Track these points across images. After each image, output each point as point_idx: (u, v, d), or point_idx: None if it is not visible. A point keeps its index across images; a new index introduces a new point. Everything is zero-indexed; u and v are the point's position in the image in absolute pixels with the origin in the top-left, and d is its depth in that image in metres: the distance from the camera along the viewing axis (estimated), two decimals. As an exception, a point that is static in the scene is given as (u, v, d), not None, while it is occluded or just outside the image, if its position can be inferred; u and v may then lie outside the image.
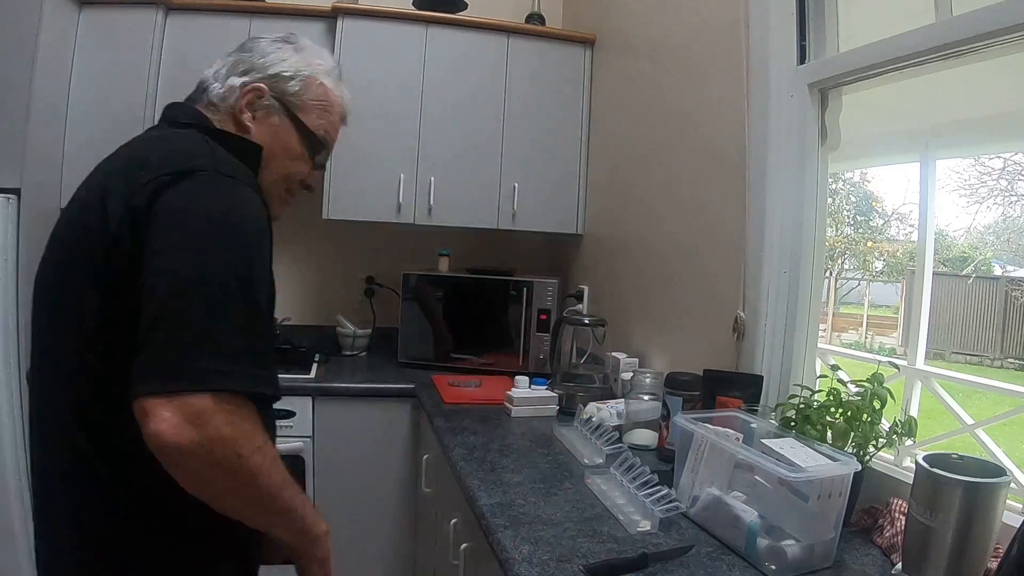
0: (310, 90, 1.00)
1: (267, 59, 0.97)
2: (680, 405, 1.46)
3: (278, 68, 0.97)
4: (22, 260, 2.01)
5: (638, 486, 1.14)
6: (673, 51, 1.94)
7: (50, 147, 2.16)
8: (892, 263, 2.96)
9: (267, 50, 0.98)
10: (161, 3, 2.26)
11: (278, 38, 1.01)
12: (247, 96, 0.95)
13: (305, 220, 2.63)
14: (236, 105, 0.95)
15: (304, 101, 0.99)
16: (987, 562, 0.88)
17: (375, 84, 2.38)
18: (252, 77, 0.96)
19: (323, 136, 1.02)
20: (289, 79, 0.98)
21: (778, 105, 1.47)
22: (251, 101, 0.95)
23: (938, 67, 1.20)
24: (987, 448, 1.16)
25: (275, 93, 0.97)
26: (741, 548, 1.02)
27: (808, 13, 1.48)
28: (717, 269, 1.66)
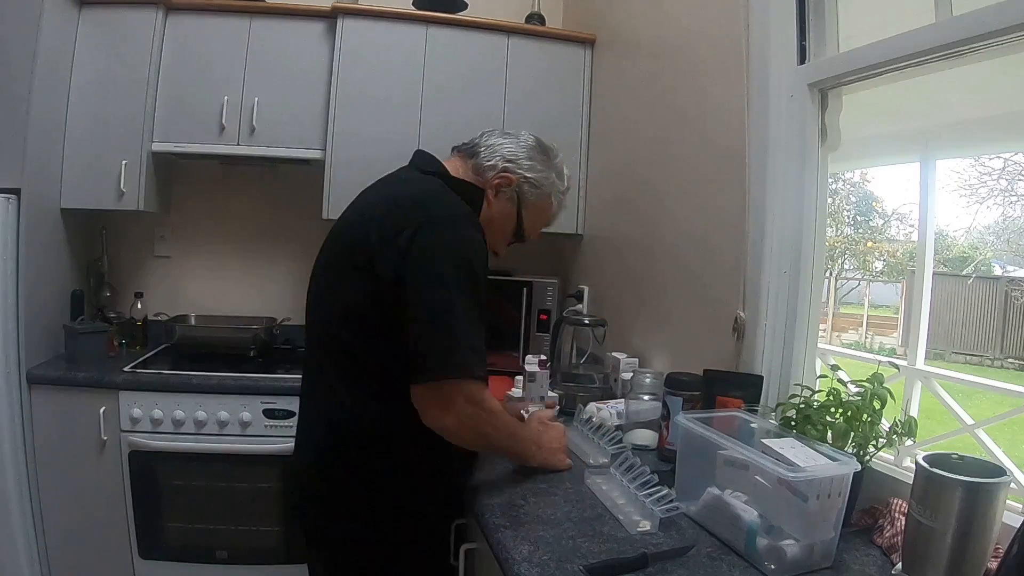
0: (540, 200, 1.30)
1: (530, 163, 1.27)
2: (680, 405, 1.46)
3: (531, 175, 1.27)
4: (22, 260, 2.01)
5: (638, 486, 1.14)
6: (673, 51, 1.94)
7: (50, 147, 2.16)
8: (892, 263, 2.96)
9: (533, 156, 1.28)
10: (161, 3, 2.26)
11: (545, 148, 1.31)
12: (501, 178, 1.26)
13: (305, 220, 2.64)
14: (489, 179, 1.26)
15: (532, 205, 1.30)
16: (987, 562, 0.88)
17: (375, 84, 2.38)
18: (511, 168, 1.26)
19: (528, 234, 1.33)
20: (533, 187, 1.28)
21: (778, 105, 1.46)
22: (501, 184, 1.26)
23: (938, 67, 1.20)
24: (987, 448, 1.16)
25: (518, 189, 1.27)
26: (741, 548, 1.02)
27: (808, 13, 1.48)
28: (717, 269, 1.66)
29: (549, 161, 1.30)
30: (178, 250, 2.69)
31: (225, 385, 2.12)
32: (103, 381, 2.08)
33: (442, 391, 1.04)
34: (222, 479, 2.13)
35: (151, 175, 2.33)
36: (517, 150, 1.27)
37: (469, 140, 1.31)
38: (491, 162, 1.25)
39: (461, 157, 1.29)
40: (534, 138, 1.31)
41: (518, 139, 1.28)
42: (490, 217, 1.26)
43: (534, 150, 1.29)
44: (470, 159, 1.27)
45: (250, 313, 2.65)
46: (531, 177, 1.26)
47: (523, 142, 1.28)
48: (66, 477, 2.07)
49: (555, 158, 1.32)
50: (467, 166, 1.27)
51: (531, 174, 1.26)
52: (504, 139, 1.28)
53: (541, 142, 1.31)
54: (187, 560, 2.15)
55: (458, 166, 1.27)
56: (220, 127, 2.33)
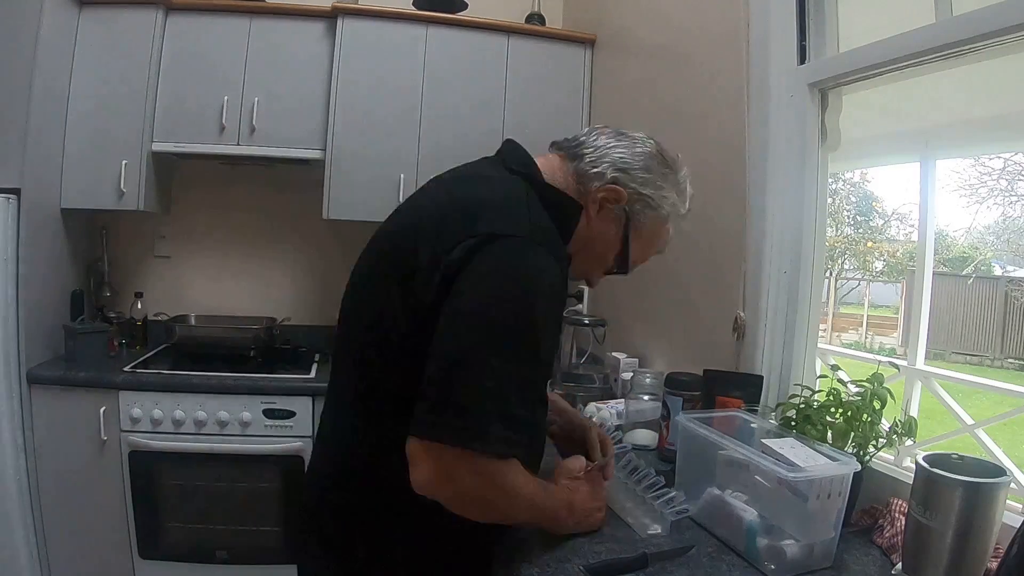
0: (654, 224, 1.03)
1: (647, 176, 1.00)
2: (680, 405, 1.46)
3: (647, 191, 0.99)
4: (22, 260, 2.01)
5: (644, 488, 1.14)
6: (673, 51, 1.94)
7: (50, 147, 2.16)
8: (892, 263, 2.96)
9: (651, 167, 1.00)
10: (161, 3, 2.26)
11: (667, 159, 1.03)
12: (608, 190, 0.98)
13: (305, 220, 2.64)
14: (593, 190, 0.98)
15: (643, 229, 1.02)
16: (987, 562, 0.88)
17: (375, 84, 2.38)
18: (622, 179, 0.98)
19: (634, 264, 1.05)
20: (648, 207, 1.00)
21: (778, 105, 1.46)
22: (607, 198, 0.98)
23: (938, 67, 1.20)
24: (987, 448, 1.16)
25: (629, 208, 0.99)
26: (741, 548, 1.02)
27: (808, 13, 1.48)
28: (717, 269, 1.66)
29: (671, 176, 1.03)
30: (178, 250, 2.69)
31: (225, 385, 2.12)
32: (103, 381, 2.08)
33: (443, 457, 0.79)
34: (222, 479, 2.13)
35: (151, 175, 2.33)
36: (632, 158, 1.00)
37: (573, 136, 1.04)
38: (598, 168, 0.98)
39: (561, 157, 1.02)
40: (655, 144, 1.04)
41: (634, 143, 1.01)
42: (588, 238, 1.00)
43: (654, 160, 1.01)
44: (571, 161, 1.00)
45: (250, 313, 2.65)
46: (647, 194, 0.99)
47: (641, 148, 1.01)
48: (66, 477, 2.07)
49: (678, 172, 1.05)
50: (566, 169, 1.00)
51: (647, 190, 0.99)
52: (617, 141, 1.01)
53: (664, 151, 1.04)
54: (187, 560, 2.15)
55: (555, 168, 1.00)
56: (220, 127, 2.33)
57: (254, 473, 2.13)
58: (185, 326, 2.48)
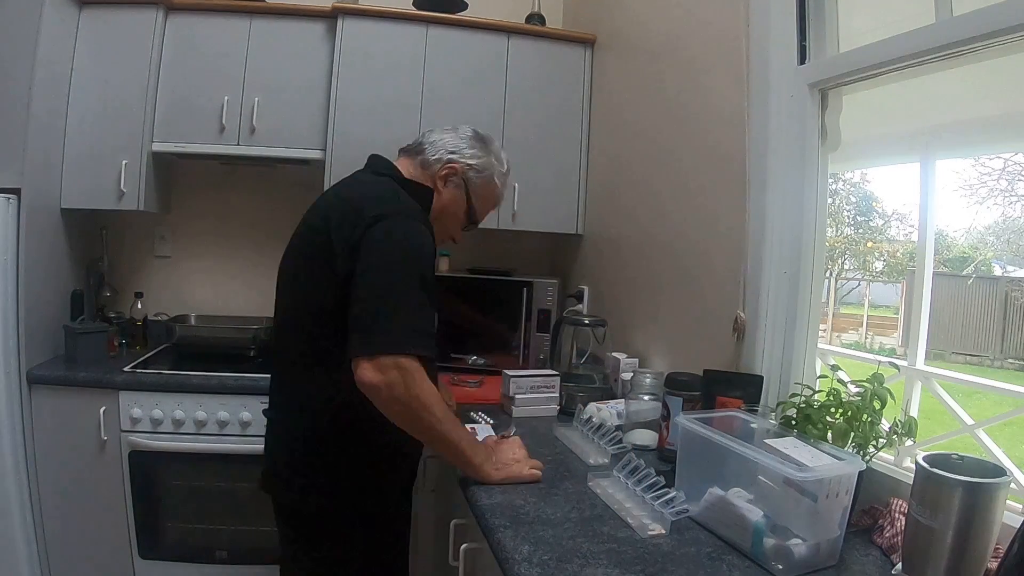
0: (486, 184, 1.40)
1: (471, 151, 1.38)
2: (680, 405, 1.46)
3: (474, 162, 1.37)
4: (22, 260, 2.01)
5: (645, 488, 1.14)
6: (673, 51, 1.94)
7: (50, 147, 2.16)
8: (892, 263, 2.96)
9: (473, 144, 1.39)
10: (161, 3, 2.26)
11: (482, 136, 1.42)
12: (447, 168, 1.36)
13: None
14: (437, 172, 1.36)
15: (479, 189, 1.39)
16: (987, 562, 0.88)
17: (375, 84, 2.38)
18: (455, 158, 1.36)
19: (479, 216, 1.44)
20: (474, 170, 1.38)
21: (778, 105, 1.47)
22: (448, 174, 1.36)
23: (938, 67, 1.20)
24: (987, 448, 1.16)
25: (464, 176, 1.37)
26: (745, 548, 1.02)
27: (808, 13, 1.48)
28: (717, 269, 1.66)
29: (487, 147, 1.41)
30: (178, 250, 2.69)
31: (225, 385, 2.12)
32: (103, 381, 2.07)
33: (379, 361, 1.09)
34: (222, 479, 2.13)
35: (151, 175, 2.33)
36: (458, 141, 1.38)
37: (413, 141, 1.42)
38: (436, 155, 1.36)
39: (408, 157, 1.39)
40: (472, 129, 1.42)
41: (457, 131, 1.40)
42: (442, 206, 1.37)
43: (473, 140, 1.39)
44: (417, 156, 1.37)
45: (250, 313, 2.65)
46: (474, 164, 1.37)
47: (462, 134, 1.39)
48: (66, 477, 2.07)
49: (492, 144, 1.43)
50: (415, 164, 1.37)
51: (473, 161, 1.37)
52: (444, 134, 1.39)
53: (478, 132, 1.42)
54: (187, 560, 2.14)
55: (407, 166, 1.37)
56: (220, 127, 2.33)
57: (254, 473, 2.10)
58: (185, 326, 2.48)
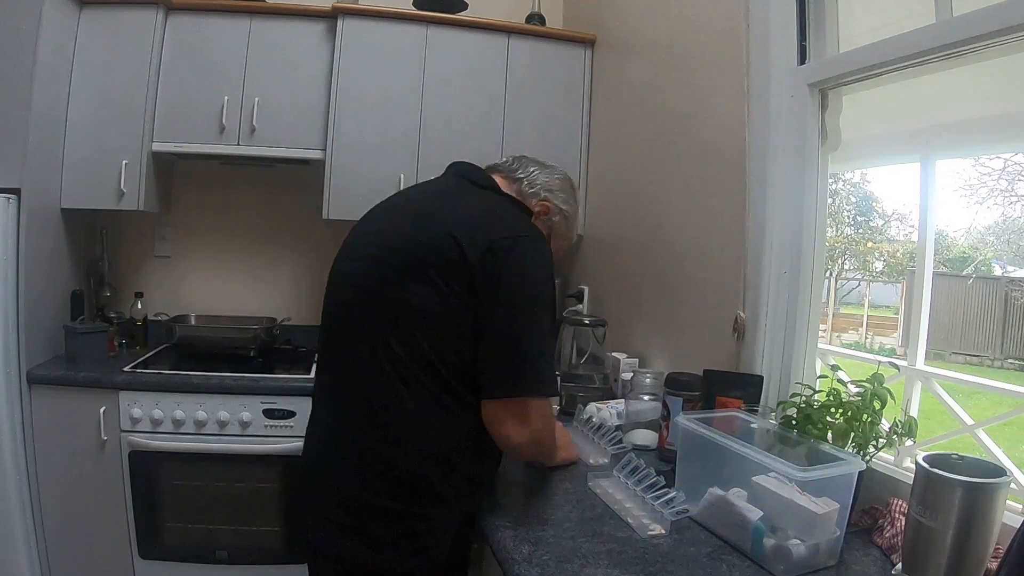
0: (564, 227, 1.36)
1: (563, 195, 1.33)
2: (680, 405, 1.46)
3: (564, 207, 1.34)
4: (22, 260, 2.01)
5: (645, 488, 1.14)
6: (673, 51, 1.94)
7: (50, 147, 2.16)
8: (892, 263, 2.96)
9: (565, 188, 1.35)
10: (161, 3, 2.26)
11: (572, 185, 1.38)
12: (542, 206, 1.30)
13: (305, 220, 2.64)
14: (531, 206, 1.29)
15: (559, 231, 1.36)
16: (987, 562, 0.88)
17: (375, 84, 2.38)
18: (549, 199, 1.31)
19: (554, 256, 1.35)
20: (562, 215, 1.34)
21: (778, 105, 1.47)
22: (541, 212, 1.31)
23: (938, 67, 1.20)
24: (987, 448, 1.16)
25: (552, 218, 1.32)
26: (745, 548, 1.02)
27: (808, 13, 1.48)
28: (717, 269, 1.66)
29: (575, 195, 1.39)
30: (178, 250, 2.69)
31: (225, 385, 2.12)
32: (103, 381, 2.07)
33: (524, 407, 1.05)
34: (222, 479, 2.13)
35: (151, 175, 2.33)
36: (553, 182, 1.32)
37: (503, 161, 1.35)
38: (534, 190, 1.30)
39: (505, 178, 1.30)
40: (564, 172, 1.39)
41: (552, 171, 1.35)
42: None
43: (566, 183, 1.36)
44: (513, 183, 1.30)
45: (250, 313, 2.65)
46: (564, 209, 1.33)
47: (558, 175, 1.35)
48: (66, 477, 2.07)
49: (577, 192, 1.41)
50: (510, 187, 1.29)
51: (564, 206, 1.33)
52: (539, 169, 1.33)
53: (569, 177, 1.39)
54: (187, 560, 2.14)
55: (506, 185, 1.28)
56: (220, 127, 2.32)
57: (254, 473, 2.13)
58: (185, 326, 2.48)
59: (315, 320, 2.81)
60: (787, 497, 0.99)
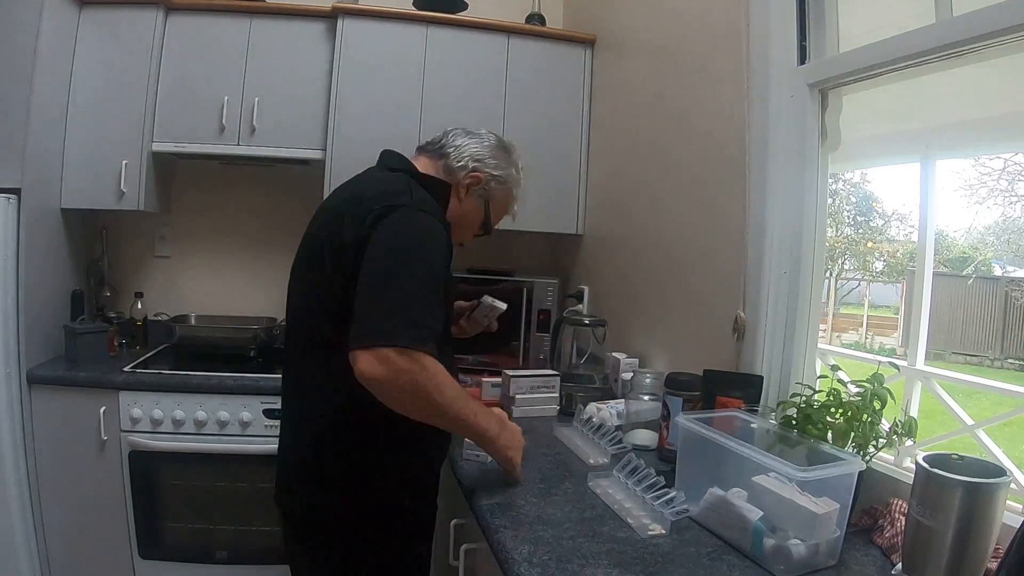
0: (504, 195, 1.38)
1: (495, 162, 1.34)
2: (680, 405, 1.46)
3: (497, 172, 1.34)
4: (22, 260, 2.01)
5: (645, 488, 1.14)
6: (673, 51, 1.94)
7: (50, 147, 2.16)
8: (892, 263, 2.96)
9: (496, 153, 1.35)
10: (161, 3, 2.26)
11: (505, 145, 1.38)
12: (471, 178, 1.32)
13: (305, 220, 2.63)
14: (460, 179, 1.32)
15: (497, 199, 1.38)
16: (987, 562, 0.88)
17: (375, 84, 2.38)
18: (480, 168, 1.32)
19: (493, 225, 1.41)
20: (496, 180, 1.35)
21: (778, 105, 1.47)
22: (472, 184, 1.32)
23: (938, 67, 1.20)
24: (987, 448, 1.16)
25: (486, 186, 1.34)
26: (745, 548, 1.02)
27: (808, 13, 1.48)
28: (717, 269, 1.66)
29: (509, 158, 1.37)
30: (178, 250, 2.69)
31: (225, 385, 2.12)
32: (103, 381, 2.08)
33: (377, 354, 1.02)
34: (222, 479, 2.13)
35: (151, 175, 2.33)
36: (483, 150, 1.33)
37: (433, 139, 1.37)
38: (461, 163, 1.31)
39: (429, 157, 1.34)
40: (495, 136, 1.39)
41: (482, 138, 1.36)
42: (461, 213, 1.33)
43: (496, 148, 1.36)
44: (439, 159, 1.33)
45: (250, 313, 2.65)
46: (497, 175, 1.34)
47: (487, 141, 1.36)
48: (66, 477, 2.07)
49: (513, 153, 1.39)
50: (436, 166, 1.32)
51: (497, 172, 1.34)
52: (469, 139, 1.34)
53: (501, 140, 1.39)
54: (187, 560, 2.14)
55: (427, 165, 1.33)
56: (220, 127, 2.32)
57: (254, 473, 2.13)
58: (185, 326, 2.48)
59: (315, 320, 2.81)
60: (787, 497, 0.99)
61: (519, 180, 1.40)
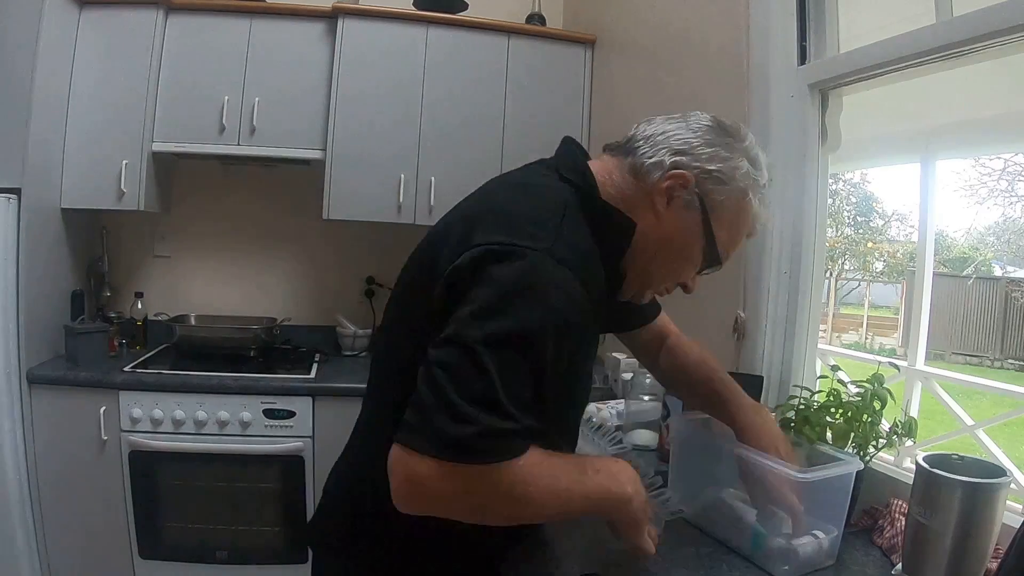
0: (734, 201, 0.89)
1: (710, 151, 0.88)
2: (680, 406, 1.46)
3: (714, 166, 0.87)
4: (22, 260, 2.01)
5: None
6: (673, 51, 1.94)
7: (50, 147, 2.16)
8: (892, 264, 2.96)
9: (712, 140, 0.89)
10: (161, 3, 2.26)
11: (726, 127, 0.92)
12: (671, 178, 0.87)
13: (305, 220, 2.64)
14: (656, 183, 0.88)
15: (723, 209, 0.89)
16: (987, 562, 0.87)
17: (375, 84, 2.38)
18: (684, 162, 0.87)
19: (723, 253, 0.92)
20: (720, 183, 0.87)
21: (779, 105, 1.47)
22: (672, 187, 0.87)
23: (938, 67, 1.20)
24: (987, 448, 1.16)
25: (700, 190, 0.87)
26: (744, 548, 1.01)
27: (808, 13, 1.48)
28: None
29: (737, 144, 0.91)
30: (178, 250, 2.69)
31: (225, 385, 2.12)
32: (103, 381, 2.07)
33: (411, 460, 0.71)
34: (222, 479, 2.13)
35: (151, 175, 2.33)
36: (689, 135, 0.90)
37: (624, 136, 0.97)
38: (655, 158, 0.88)
39: (615, 158, 0.94)
40: (709, 116, 0.94)
41: (687, 121, 0.93)
42: (663, 238, 0.89)
43: (712, 132, 0.91)
44: (626, 157, 0.92)
45: (250, 313, 2.65)
46: (714, 169, 0.87)
47: (696, 124, 0.92)
48: (66, 477, 2.07)
49: (743, 139, 0.92)
50: (622, 168, 0.91)
51: (713, 165, 0.87)
52: (669, 124, 0.93)
53: (720, 121, 0.93)
54: (187, 560, 2.14)
55: (610, 170, 0.91)
56: (220, 127, 2.32)
57: (254, 473, 2.13)
58: (185, 326, 2.48)
59: (315, 320, 2.83)
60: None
61: (760, 180, 0.90)
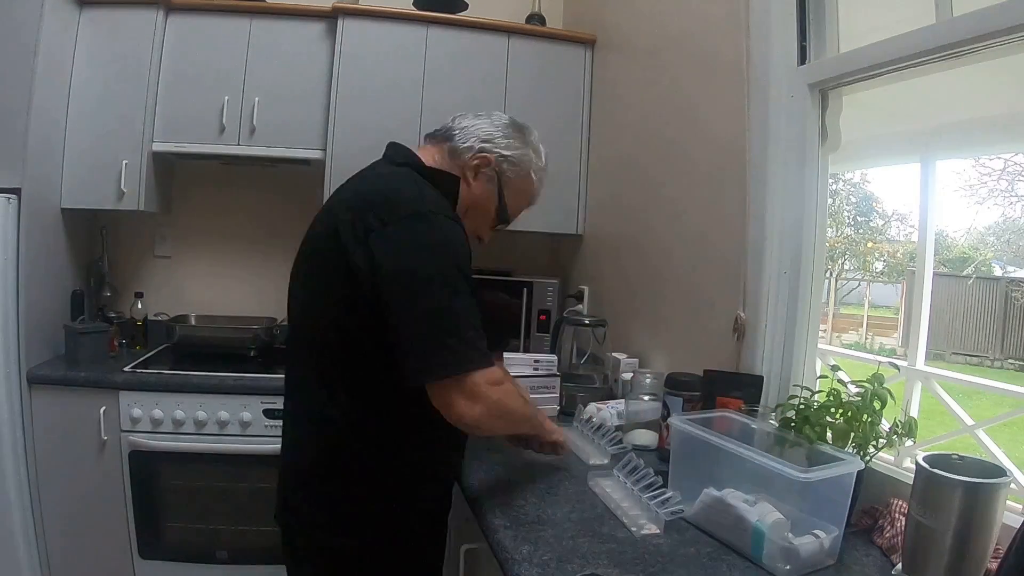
0: (521, 179, 1.26)
1: (506, 141, 1.24)
2: (680, 406, 1.46)
3: (509, 152, 1.23)
4: (22, 260, 2.01)
5: (642, 488, 1.14)
6: (673, 52, 1.94)
7: (50, 147, 2.16)
8: (892, 264, 2.96)
9: (508, 133, 1.25)
10: (161, 3, 2.26)
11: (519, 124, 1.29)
12: (479, 158, 1.21)
13: (305, 220, 2.63)
14: (467, 160, 1.21)
15: (512, 183, 1.25)
16: (987, 562, 0.88)
17: (375, 84, 2.38)
18: (488, 148, 1.22)
19: (512, 214, 1.28)
20: (512, 164, 1.24)
21: (778, 106, 1.46)
22: (480, 165, 1.22)
23: (938, 67, 1.20)
24: (987, 448, 1.16)
25: (498, 170, 1.23)
26: (744, 548, 1.02)
27: (808, 13, 1.48)
28: (717, 269, 1.66)
29: (525, 138, 1.27)
30: (178, 250, 2.70)
31: (225, 385, 2.12)
32: (103, 381, 2.08)
33: (465, 384, 0.99)
34: (222, 479, 2.13)
35: (151, 175, 2.33)
36: (492, 129, 1.24)
37: (441, 126, 1.29)
38: (467, 143, 1.22)
39: (435, 143, 1.26)
40: (508, 117, 1.29)
41: (491, 118, 1.26)
42: (472, 201, 1.22)
43: (509, 128, 1.26)
44: (445, 143, 1.24)
45: (250, 313, 2.65)
46: (509, 155, 1.23)
47: (497, 121, 1.26)
48: (66, 477, 2.07)
49: (530, 135, 1.29)
50: (442, 151, 1.23)
51: (509, 152, 1.23)
52: (477, 119, 1.25)
53: (515, 120, 1.29)
54: (187, 560, 2.15)
55: (433, 153, 1.23)
56: (220, 127, 2.33)
57: (254, 473, 2.13)
58: (185, 326, 2.48)
59: (315, 320, 2.80)
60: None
61: (539, 164, 1.28)
